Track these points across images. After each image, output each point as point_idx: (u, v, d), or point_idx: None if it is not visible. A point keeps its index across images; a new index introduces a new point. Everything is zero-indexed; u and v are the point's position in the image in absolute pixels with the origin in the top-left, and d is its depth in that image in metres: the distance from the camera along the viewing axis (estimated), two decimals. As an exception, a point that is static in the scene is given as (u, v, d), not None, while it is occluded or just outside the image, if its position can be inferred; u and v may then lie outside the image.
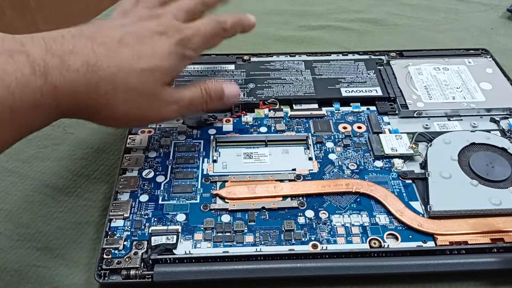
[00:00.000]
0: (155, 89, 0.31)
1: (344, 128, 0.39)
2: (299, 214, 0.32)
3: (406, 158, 0.36)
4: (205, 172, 0.35)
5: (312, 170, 0.36)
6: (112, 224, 0.32)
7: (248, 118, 0.40)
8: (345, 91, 0.42)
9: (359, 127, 0.39)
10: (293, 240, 0.31)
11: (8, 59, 0.26)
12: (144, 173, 0.35)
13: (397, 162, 0.36)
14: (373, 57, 0.47)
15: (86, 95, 0.29)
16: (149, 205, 0.33)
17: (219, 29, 0.35)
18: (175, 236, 0.31)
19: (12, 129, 0.27)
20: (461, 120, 0.40)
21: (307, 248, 0.30)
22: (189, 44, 0.33)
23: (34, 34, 0.28)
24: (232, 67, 0.45)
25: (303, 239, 0.31)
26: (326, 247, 0.30)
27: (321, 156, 0.37)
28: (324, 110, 0.41)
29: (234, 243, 0.31)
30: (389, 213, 0.32)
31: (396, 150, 0.37)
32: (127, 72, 0.30)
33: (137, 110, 0.31)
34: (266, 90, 0.42)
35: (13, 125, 0.26)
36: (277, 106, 0.41)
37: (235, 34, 0.37)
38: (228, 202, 0.33)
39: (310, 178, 0.35)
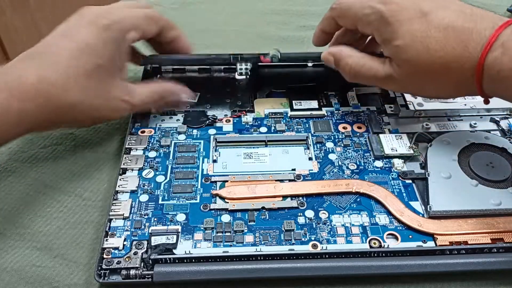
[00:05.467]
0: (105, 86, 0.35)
1: (344, 128, 0.39)
2: (299, 214, 0.32)
3: (406, 158, 0.36)
4: (205, 172, 0.35)
5: (312, 170, 0.36)
6: (112, 224, 0.32)
7: (248, 118, 0.40)
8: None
9: (359, 127, 0.39)
10: (293, 240, 0.31)
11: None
12: (144, 173, 0.35)
13: (397, 162, 0.36)
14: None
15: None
16: (149, 205, 0.33)
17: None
18: (175, 236, 0.31)
19: None
20: (461, 120, 0.40)
21: (307, 248, 0.30)
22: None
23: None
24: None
25: (303, 239, 0.31)
26: (326, 247, 0.30)
27: (321, 156, 0.37)
28: (324, 110, 0.41)
29: (234, 243, 0.31)
30: (389, 213, 0.32)
31: (396, 150, 0.37)
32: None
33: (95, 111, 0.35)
34: (266, 90, 0.42)
35: None
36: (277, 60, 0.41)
37: None
38: (228, 202, 0.33)
39: (310, 178, 0.35)
